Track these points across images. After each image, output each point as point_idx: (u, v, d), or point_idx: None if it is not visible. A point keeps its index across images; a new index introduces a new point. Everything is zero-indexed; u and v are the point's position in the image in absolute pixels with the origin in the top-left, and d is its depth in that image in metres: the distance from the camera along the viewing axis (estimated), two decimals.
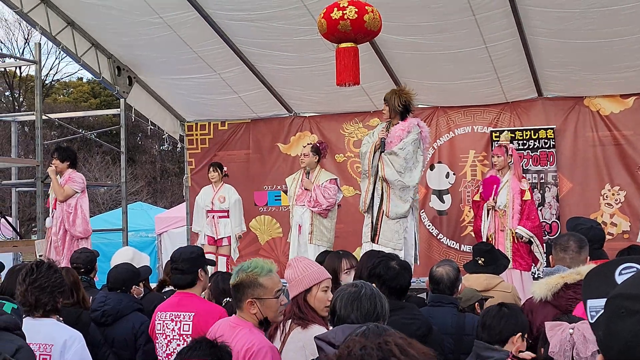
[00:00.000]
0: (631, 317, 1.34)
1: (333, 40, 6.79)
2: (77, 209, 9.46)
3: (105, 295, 5.62)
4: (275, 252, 11.64)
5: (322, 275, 4.06)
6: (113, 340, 5.46)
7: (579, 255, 4.57)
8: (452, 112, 10.99)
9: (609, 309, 1.40)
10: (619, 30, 8.42)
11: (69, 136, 20.75)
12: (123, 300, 5.58)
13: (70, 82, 38.09)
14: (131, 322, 5.48)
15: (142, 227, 17.30)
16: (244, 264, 3.81)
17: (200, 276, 4.88)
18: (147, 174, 33.51)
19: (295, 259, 4.19)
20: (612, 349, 1.37)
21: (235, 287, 3.74)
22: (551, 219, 10.35)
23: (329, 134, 11.53)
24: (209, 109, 11.75)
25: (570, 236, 4.76)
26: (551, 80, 10.08)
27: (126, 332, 5.45)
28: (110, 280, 5.74)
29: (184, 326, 4.69)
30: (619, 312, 1.36)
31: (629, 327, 1.33)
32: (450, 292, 4.93)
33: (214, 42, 9.67)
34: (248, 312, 3.67)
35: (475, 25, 8.57)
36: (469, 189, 10.78)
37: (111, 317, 5.48)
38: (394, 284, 4.26)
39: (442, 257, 9.87)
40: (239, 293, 3.72)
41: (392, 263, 4.33)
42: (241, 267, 3.77)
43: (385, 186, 7.90)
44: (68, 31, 9.87)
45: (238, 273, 3.75)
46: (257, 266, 3.73)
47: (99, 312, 5.48)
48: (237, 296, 3.74)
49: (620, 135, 10.22)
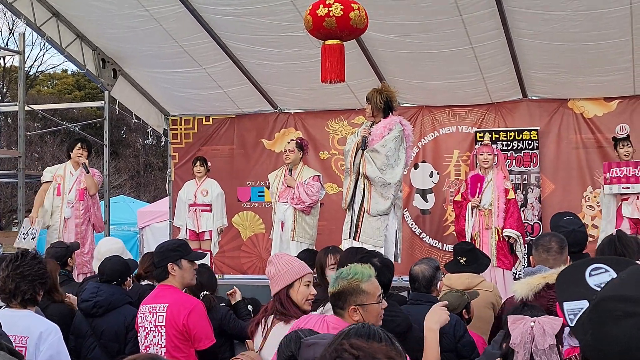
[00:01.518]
0: (627, 319, 1.32)
1: (319, 37, 6.79)
2: (97, 202, 9.71)
3: (97, 287, 5.61)
4: (258, 248, 11.64)
5: (304, 270, 4.09)
6: (102, 332, 5.45)
7: (561, 256, 4.61)
8: (437, 111, 11.01)
9: (600, 312, 1.37)
10: (604, 34, 8.47)
11: (52, 128, 20.61)
12: (115, 292, 5.59)
13: (54, 73, 37.90)
14: (123, 315, 5.48)
15: (124, 220, 17.26)
16: (342, 270, 3.69)
17: (170, 270, 4.87)
18: (131, 168, 33.39)
19: (276, 256, 4.20)
20: (606, 352, 1.33)
21: (337, 295, 3.61)
22: (533, 220, 10.39)
23: (313, 131, 11.52)
24: (194, 103, 11.71)
25: (551, 236, 4.79)
26: (536, 81, 10.13)
27: (117, 325, 5.45)
28: (106, 272, 5.72)
29: (159, 317, 4.72)
30: (613, 315, 1.33)
31: (627, 330, 1.31)
32: (426, 289, 4.97)
33: (200, 37, 9.63)
34: (350, 318, 3.57)
35: (462, 25, 8.58)
36: (452, 188, 10.80)
37: (103, 309, 5.48)
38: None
39: (424, 256, 9.89)
40: (341, 301, 3.60)
41: (374, 260, 4.34)
42: (341, 275, 3.66)
43: (367, 183, 7.90)
44: (53, 22, 9.80)
45: (338, 281, 3.62)
46: (358, 272, 3.63)
47: (90, 302, 5.46)
48: (339, 304, 3.62)
49: (603, 138, 10.28)
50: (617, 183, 8.78)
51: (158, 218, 15.73)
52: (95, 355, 5.39)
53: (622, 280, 1.40)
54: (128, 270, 5.95)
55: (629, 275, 1.40)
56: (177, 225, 10.73)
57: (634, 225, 8.74)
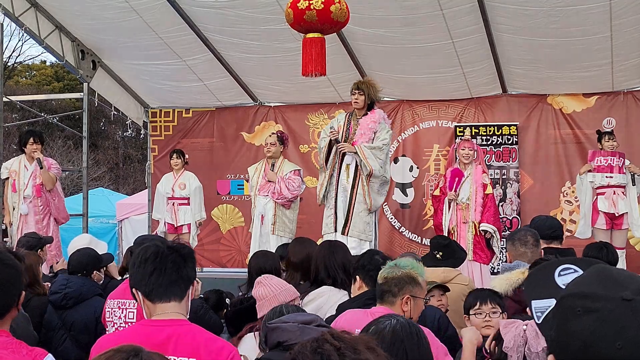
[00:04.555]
0: (587, 315, 1.36)
1: (300, 30, 6.78)
2: (58, 194, 9.39)
3: (66, 279, 5.57)
4: (237, 241, 11.62)
5: (294, 293, 4.26)
6: (72, 324, 5.41)
7: (537, 249, 4.66)
8: (417, 105, 11.04)
9: (562, 309, 1.41)
10: (583, 30, 8.53)
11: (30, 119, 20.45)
12: (85, 284, 5.54)
13: (33, 65, 37.51)
14: (93, 307, 5.42)
15: (103, 213, 17.14)
16: (400, 261, 3.72)
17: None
18: (110, 160, 33.18)
19: (265, 278, 4.29)
20: (568, 348, 1.38)
21: (394, 280, 3.61)
22: (512, 214, 10.45)
23: (293, 125, 11.51)
24: (174, 95, 11.66)
25: (526, 231, 4.84)
26: (516, 77, 10.18)
27: (87, 317, 5.40)
28: (72, 263, 5.70)
29: (129, 314, 4.59)
30: (574, 311, 1.38)
31: (586, 326, 1.35)
32: None
33: (180, 29, 9.58)
34: (400, 307, 3.57)
35: (443, 20, 8.61)
36: (432, 182, 10.83)
37: (72, 300, 5.43)
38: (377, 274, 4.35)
39: (404, 251, 9.93)
40: (397, 287, 3.59)
41: (376, 257, 4.40)
42: (397, 263, 3.68)
43: (365, 180, 7.91)
44: (32, 12, 9.71)
45: (395, 268, 3.64)
46: (415, 266, 3.66)
47: (59, 294, 5.41)
48: (394, 290, 3.60)
49: (582, 134, 10.36)
50: (601, 172, 8.83)
51: (137, 210, 15.65)
52: (66, 347, 5.34)
53: (583, 277, 1.45)
54: (95, 262, 5.85)
55: (590, 273, 1.45)
56: (156, 218, 10.67)
57: (609, 221, 8.79)
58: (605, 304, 1.36)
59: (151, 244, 2.84)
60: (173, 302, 2.71)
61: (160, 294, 2.72)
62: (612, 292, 1.37)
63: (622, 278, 1.42)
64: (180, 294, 2.73)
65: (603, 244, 5.53)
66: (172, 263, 2.73)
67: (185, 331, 2.65)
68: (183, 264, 2.74)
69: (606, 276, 1.42)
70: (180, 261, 2.75)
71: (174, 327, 2.66)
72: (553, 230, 5.43)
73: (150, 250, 2.77)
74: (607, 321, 1.34)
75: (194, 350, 2.58)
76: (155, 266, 2.75)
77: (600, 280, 1.42)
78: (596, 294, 1.38)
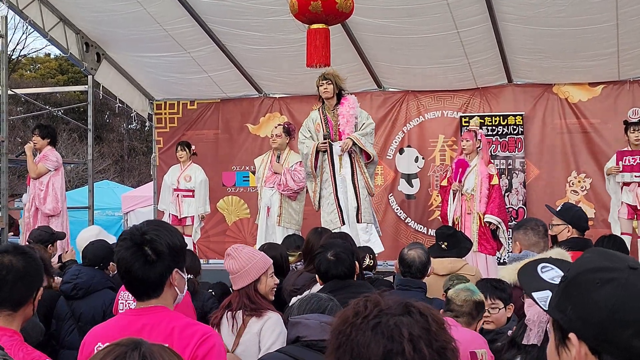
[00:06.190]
0: (607, 284, 1.46)
1: (304, 21, 6.77)
2: (48, 187, 9.41)
3: (78, 269, 5.61)
4: (243, 233, 11.62)
5: (267, 261, 4.06)
6: (80, 314, 5.43)
7: (547, 239, 4.64)
8: (422, 96, 11.01)
9: (579, 286, 1.50)
10: (589, 19, 8.48)
11: (35, 112, 20.45)
12: (96, 276, 5.57)
13: (37, 57, 37.52)
14: (102, 299, 5.46)
15: (108, 205, 17.16)
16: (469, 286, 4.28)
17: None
18: (115, 153, 33.21)
19: (235, 249, 4.06)
20: (592, 320, 1.45)
21: (480, 304, 4.14)
22: (518, 204, 10.43)
23: (298, 116, 11.48)
24: (179, 88, 11.65)
25: (537, 220, 4.81)
26: (521, 66, 10.14)
27: (95, 308, 5.43)
28: (88, 257, 5.69)
29: None
30: (593, 283, 1.47)
31: (610, 294, 1.44)
32: (421, 275, 4.93)
33: (185, 21, 9.56)
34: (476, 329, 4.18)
35: (448, 9, 8.57)
36: (437, 173, 10.82)
37: (82, 291, 5.46)
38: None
39: (409, 241, 9.90)
40: (480, 312, 4.14)
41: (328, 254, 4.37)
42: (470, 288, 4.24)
43: (362, 167, 8.05)
44: (36, 5, 9.68)
45: (478, 293, 4.17)
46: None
47: (70, 284, 5.45)
48: (480, 314, 4.15)
49: (588, 123, 10.33)
50: (630, 171, 8.85)
51: (142, 203, 15.65)
52: (73, 337, 5.35)
53: (588, 257, 1.56)
54: (111, 255, 5.87)
55: (591, 253, 1.58)
56: (161, 209, 10.70)
57: (632, 212, 8.85)
58: (620, 274, 1.47)
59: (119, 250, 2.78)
60: (153, 299, 2.73)
61: (138, 297, 2.76)
62: (619, 264, 1.50)
63: (618, 254, 1.57)
64: (154, 294, 2.72)
65: (614, 237, 5.51)
66: (137, 270, 2.68)
67: (161, 318, 2.67)
68: (148, 266, 2.67)
69: (606, 253, 1.57)
70: (142, 265, 2.68)
71: (151, 315, 2.69)
72: (586, 221, 5.39)
73: (117, 259, 2.76)
74: (627, 286, 1.45)
75: (168, 336, 2.60)
76: (122, 276, 2.78)
77: (604, 257, 1.55)
78: (608, 266, 1.50)
